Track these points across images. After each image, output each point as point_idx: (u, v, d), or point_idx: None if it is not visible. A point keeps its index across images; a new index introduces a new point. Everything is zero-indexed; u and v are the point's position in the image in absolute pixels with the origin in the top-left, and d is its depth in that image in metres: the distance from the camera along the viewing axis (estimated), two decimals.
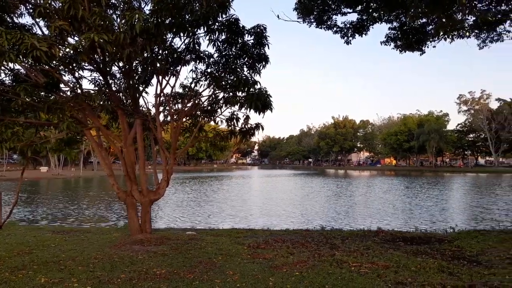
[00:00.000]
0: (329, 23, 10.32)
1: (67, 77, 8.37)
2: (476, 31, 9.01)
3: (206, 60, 9.16)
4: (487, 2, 8.28)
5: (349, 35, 10.18)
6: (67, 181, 46.32)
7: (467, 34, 8.65)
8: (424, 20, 8.48)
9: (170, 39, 8.44)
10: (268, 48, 8.68)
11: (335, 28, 10.28)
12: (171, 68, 9.26)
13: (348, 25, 10.13)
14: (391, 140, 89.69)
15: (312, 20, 10.38)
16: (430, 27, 8.27)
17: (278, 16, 10.42)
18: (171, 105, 9.84)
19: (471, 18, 8.19)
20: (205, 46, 23.19)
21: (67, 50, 6.50)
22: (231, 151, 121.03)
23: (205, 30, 8.25)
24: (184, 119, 9.82)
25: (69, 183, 41.87)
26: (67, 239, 8.81)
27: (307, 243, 8.19)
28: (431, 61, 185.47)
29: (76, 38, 6.71)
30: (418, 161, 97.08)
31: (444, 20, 7.29)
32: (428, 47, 8.94)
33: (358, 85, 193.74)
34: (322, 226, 11.37)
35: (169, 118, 9.57)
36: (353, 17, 9.92)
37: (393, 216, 16.24)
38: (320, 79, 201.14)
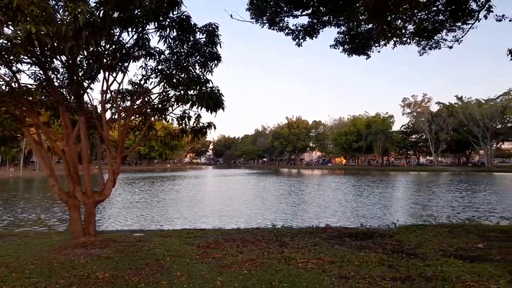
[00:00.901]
0: (281, 25, 10.49)
1: (2, 70, 7.77)
2: (417, 38, 9.63)
3: (157, 56, 8.93)
4: (425, 12, 8.89)
5: (300, 37, 10.42)
6: (5, 181, 42.95)
7: (408, 41, 9.24)
8: (369, 26, 8.93)
9: (117, 33, 8.13)
10: (221, 47, 8.65)
11: (287, 30, 10.47)
12: (119, 64, 8.92)
13: (299, 28, 10.36)
14: (341, 140, 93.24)
15: (265, 21, 10.49)
16: (374, 32, 8.72)
17: (231, 16, 10.42)
18: (119, 102, 9.48)
19: (411, 26, 8.78)
20: (156, 42, 22.58)
21: (1, 41, 6.03)
22: (185, 150, 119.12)
23: (156, 26, 8.05)
24: (133, 117, 9.51)
25: (6, 184, 38.84)
26: (1, 244, 8.18)
27: (257, 241, 8.28)
28: (379, 65, 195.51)
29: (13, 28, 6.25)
30: (366, 160, 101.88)
31: (385, 27, 7.74)
32: (373, 51, 9.44)
33: (312, 86, 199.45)
34: (274, 224, 11.57)
35: (116, 116, 9.20)
36: (304, 20, 10.30)
37: (341, 213, 16.91)
38: (276, 80, 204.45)
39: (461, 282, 5.18)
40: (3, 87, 7.60)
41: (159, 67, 8.96)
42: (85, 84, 8.82)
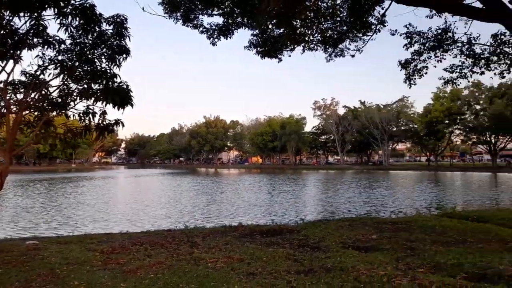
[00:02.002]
0: (195, 22, 10.33)
1: None
2: (323, 46, 10.31)
3: (56, 46, 8.09)
4: (330, 22, 9.58)
5: (215, 36, 10.39)
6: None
7: (316, 48, 9.85)
8: (281, 30, 9.30)
9: (8, 17, 7.18)
10: (130, 40, 8.18)
11: (201, 28, 10.36)
12: (11, 51, 7.87)
13: (214, 27, 10.33)
14: (257, 140, 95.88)
15: (179, 17, 10.23)
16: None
17: (143, 8, 9.94)
18: (9, 94, 8.37)
19: (318, 34, 9.39)
20: (56, 30, 20.55)
21: None
22: (93, 149, 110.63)
23: (55, 12, 7.29)
24: (26, 112, 8.48)
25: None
26: None
27: (167, 243, 8.04)
28: (294, 68, 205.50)
29: None
30: (280, 159, 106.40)
31: (291, 32, 8.15)
32: (284, 55, 9.86)
33: (230, 86, 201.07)
34: (186, 225, 11.36)
35: (5, 110, 8.11)
36: (220, 19, 10.32)
37: (255, 211, 17.35)
38: (194, 78, 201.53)
39: (356, 270, 5.66)
40: None
41: (59, 57, 8.13)
42: None
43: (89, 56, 8.08)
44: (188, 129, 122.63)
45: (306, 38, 9.34)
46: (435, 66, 9.55)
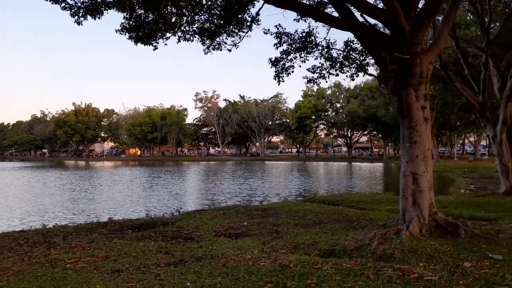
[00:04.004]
0: None
1: None
2: (200, 37, 10.26)
3: None
4: (207, 14, 9.60)
5: (80, 14, 9.34)
6: None
7: (192, 38, 9.76)
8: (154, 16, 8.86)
9: None
10: None
11: (63, 4, 9.20)
12: None
13: (79, 4, 9.28)
14: (136, 130, 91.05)
15: None
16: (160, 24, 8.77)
17: None
18: None
19: (194, 25, 9.32)
20: None
21: None
22: None
23: None
24: None
25: None
26: None
27: (18, 246, 7.04)
28: (176, 58, 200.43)
29: None
30: (161, 151, 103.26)
31: (159, 19, 7.93)
32: (159, 43, 9.46)
33: (105, 72, 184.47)
34: (44, 224, 10.08)
35: None
36: None
37: (131, 205, 16.47)
38: (62, 61, 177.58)
39: (225, 257, 5.89)
40: None
41: None
42: None
43: None
44: (54, 117, 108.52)
45: (183, 28, 9.18)
46: (300, 66, 10.51)
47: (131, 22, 9.17)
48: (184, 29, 9.34)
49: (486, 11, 14.39)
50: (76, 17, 9.38)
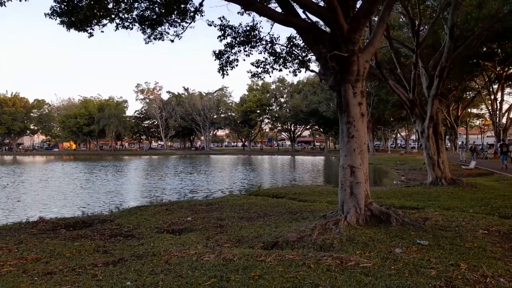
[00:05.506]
0: None
1: None
2: (140, 26, 9.80)
3: None
4: (148, 2, 9.19)
5: None
6: None
7: (131, 26, 9.29)
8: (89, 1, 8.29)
9: None
10: None
11: None
12: None
13: None
14: (70, 123, 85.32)
15: None
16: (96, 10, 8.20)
17: None
18: None
19: (132, 13, 8.86)
20: None
21: None
22: None
23: None
24: None
25: None
26: None
27: None
28: (115, 47, 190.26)
29: None
30: (99, 145, 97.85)
31: (93, 3, 7.45)
32: (94, 30, 8.85)
33: (35, 59, 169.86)
34: None
35: None
36: None
37: (64, 203, 15.39)
38: None
39: (168, 254, 5.75)
40: None
41: None
42: None
43: None
44: None
45: (121, 15, 8.69)
46: (244, 60, 10.52)
47: (62, 6, 8.50)
48: (123, 16, 8.86)
49: (417, 14, 15.53)
50: None
